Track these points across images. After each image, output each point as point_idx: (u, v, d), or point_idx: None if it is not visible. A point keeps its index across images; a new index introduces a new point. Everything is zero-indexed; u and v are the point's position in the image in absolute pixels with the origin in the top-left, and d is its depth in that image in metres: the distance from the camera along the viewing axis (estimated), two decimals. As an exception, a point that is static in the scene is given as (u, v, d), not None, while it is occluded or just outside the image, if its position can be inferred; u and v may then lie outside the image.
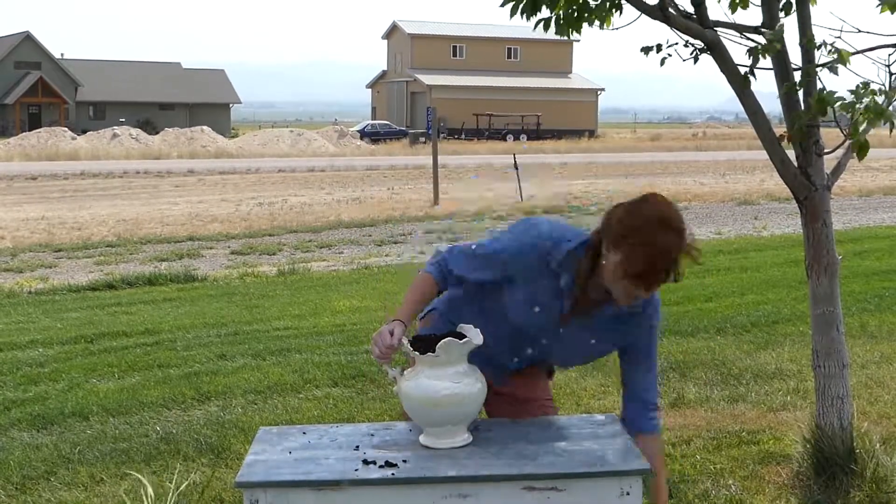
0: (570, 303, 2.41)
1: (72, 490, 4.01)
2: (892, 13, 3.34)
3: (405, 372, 2.38)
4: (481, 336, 2.37)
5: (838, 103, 3.30)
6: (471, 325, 2.40)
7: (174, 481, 3.77)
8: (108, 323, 7.64)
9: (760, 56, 3.50)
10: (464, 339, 2.32)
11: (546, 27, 3.74)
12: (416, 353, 2.33)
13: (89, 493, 3.97)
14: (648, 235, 2.22)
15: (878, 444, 3.90)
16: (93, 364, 6.18)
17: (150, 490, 3.42)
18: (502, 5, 3.68)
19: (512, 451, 2.29)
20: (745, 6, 3.84)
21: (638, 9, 3.56)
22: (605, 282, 2.33)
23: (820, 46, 3.36)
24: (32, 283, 10.04)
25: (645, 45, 3.70)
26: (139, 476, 3.37)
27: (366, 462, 2.22)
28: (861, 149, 3.35)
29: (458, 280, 2.51)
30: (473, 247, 2.50)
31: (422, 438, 2.35)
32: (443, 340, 2.30)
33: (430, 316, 2.66)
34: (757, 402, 5.11)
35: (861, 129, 3.34)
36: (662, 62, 3.72)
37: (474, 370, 2.36)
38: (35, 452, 4.45)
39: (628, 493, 2.18)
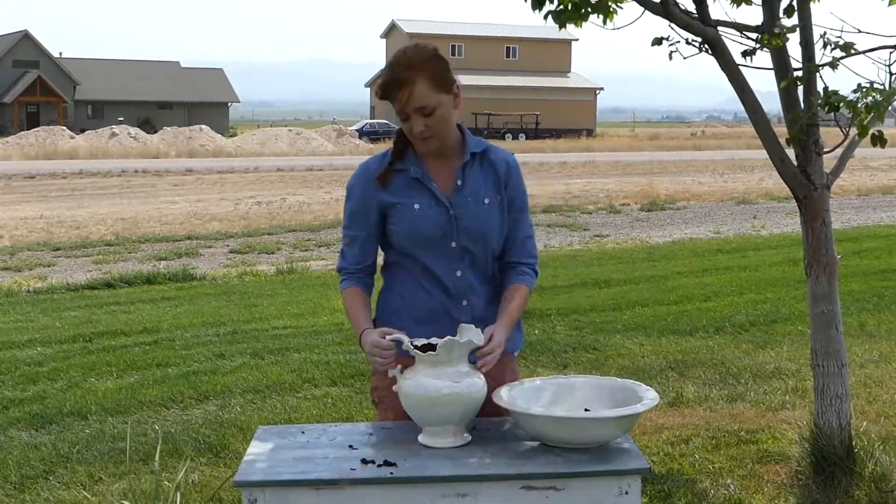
0: (428, 180, 2.55)
1: (70, 489, 4.01)
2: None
3: (405, 371, 2.38)
4: (482, 336, 2.37)
5: (846, 104, 3.30)
6: (471, 326, 2.39)
7: (172, 481, 3.76)
8: (106, 322, 7.63)
9: (766, 44, 3.50)
10: (465, 339, 2.32)
11: (555, 19, 3.72)
12: (418, 351, 2.32)
13: (88, 492, 3.96)
14: (386, 68, 2.51)
15: (876, 444, 3.90)
16: (91, 363, 6.17)
17: (149, 489, 3.41)
18: None
19: (510, 450, 2.29)
20: (748, 2, 3.83)
21: (641, 4, 3.56)
22: (408, 136, 2.55)
23: (826, 44, 3.37)
24: (31, 282, 10.04)
25: (657, 37, 3.71)
26: (142, 469, 3.36)
27: (364, 461, 2.22)
28: (878, 140, 3.37)
29: (366, 265, 2.65)
30: (343, 231, 2.67)
31: (421, 438, 2.35)
32: (444, 339, 2.30)
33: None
34: (756, 401, 5.11)
35: (866, 122, 3.34)
36: (671, 56, 3.72)
37: (475, 371, 2.36)
38: (34, 452, 4.45)
39: (627, 493, 2.18)
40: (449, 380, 2.29)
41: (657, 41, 3.72)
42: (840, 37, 3.40)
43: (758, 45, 3.55)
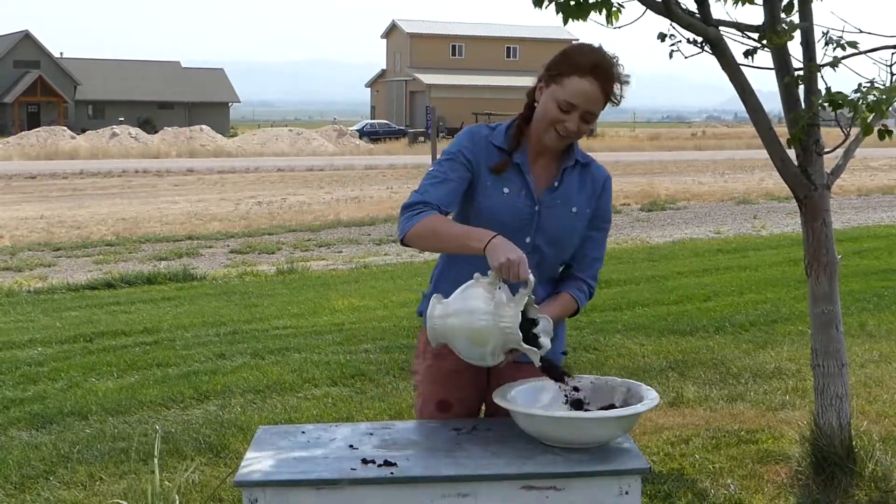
0: (527, 170, 2.52)
1: (71, 489, 4.01)
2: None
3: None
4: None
5: (848, 103, 3.30)
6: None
7: (174, 481, 3.76)
8: (106, 322, 7.63)
9: (768, 42, 3.50)
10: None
11: (558, 10, 3.71)
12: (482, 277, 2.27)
13: (88, 492, 3.97)
14: (590, 56, 2.45)
15: (876, 444, 3.90)
16: (92, 363, 6.17)
17: (149, 489, 3.41)
18: None
19: (511, 450, 2.29)
20: (751, 1, 3.83)
21: (643, 3, 3.56)
22: (537, 132, 2.51)
23: (829, 42, 3.37)
24: (31, 282, 10.04)
25: (662, 32, 3.71)
26: (143, 469, 3.36)
27: (365, 461, 2.22)
28: (887, 132, 3.38)
29: (447, 211, 2.49)
30: (431, 170, 2.54)
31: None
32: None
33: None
34: (756, 401, 5.11)
35: (869, 119, 3.35)
36: (671, 55, 3.72)
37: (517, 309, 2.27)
38: (34, 451, 4.45)
39: (627, 493, 2.18)
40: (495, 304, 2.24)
41: (661, 36, 3.71)
42: (841, 36, 3.40)
43: (760, 44, 3.55)
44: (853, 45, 3.37)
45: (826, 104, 3.40)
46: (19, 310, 8.34)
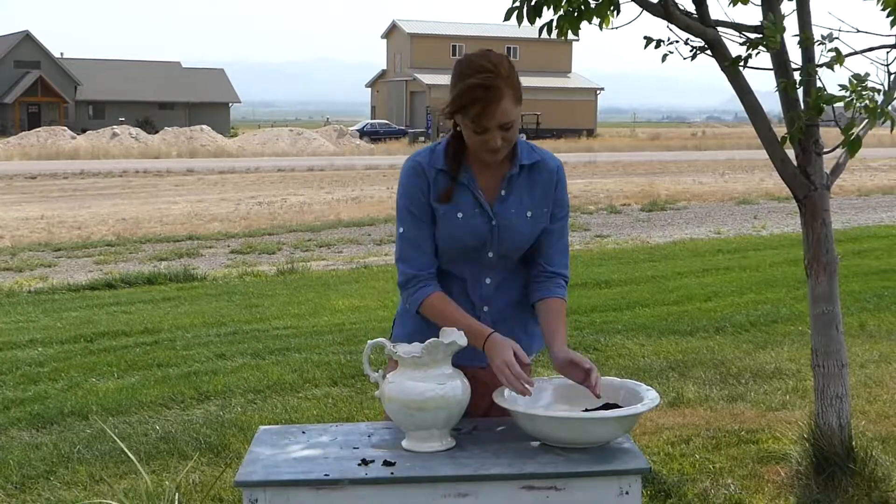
0: (475, 187, 2.48)
1: (71, 489, 4.01)
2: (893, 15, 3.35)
3: (388, 375, 2.35)
4: (465, 338, 2.32)
5: (837, 102, 3.30)
6: (453, 329, 2.35)
7: (174, 481, 3.77)
8: (107, 322, 7.64)
9: (760, 48, 3.50)
10: (449, 340, 2.30)
11: (549, 31, 3.74)
12: (400, 355, 2.30)
13: (88, 492, 3.97)
14: (466, 79, 2.35)
15: (876, 444, 3.91)
16: (92, 363, 6.18)
17: (149, 488, 3.42)
18: (506, 18, 3.72)
19: (510, 450, 2.29)
20: (745, 1, 3.83)
21: (640, 5, 3.57)
22: (473, 152, 2.45)
23: (821, 42, 3.36)
24: (32, 283, 10.04)
25: (648, 36, 3.70)
26: (141, 470, 3.37)
27: (365, 461, 2.22)
28: (853, 145, 3.37)
29: (434, 262, 2.52)
30: (402, 231, 2.53)
31: (405, 443, 2.32)
32: (427, 342, 2.28)
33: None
34: (756, 401, 5.11)
35: (862, 126, 3.34)
36: (664, 58, 3.72)
37: (458, 373, 2.33)
38: (34, 452, 4.45)
39: (627, 493, 2.18)
40: (433, 382, 2.26)
41: (651, 42, 3.70)
42: (838, 36, 3.40)
43: (751, 51, 3.54)
44: (837, 51, 3.35)
45: (821, 105, 3.40)
46: (20, 310, 8.35)
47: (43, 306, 8.52)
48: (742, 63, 3.57)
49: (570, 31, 3.75)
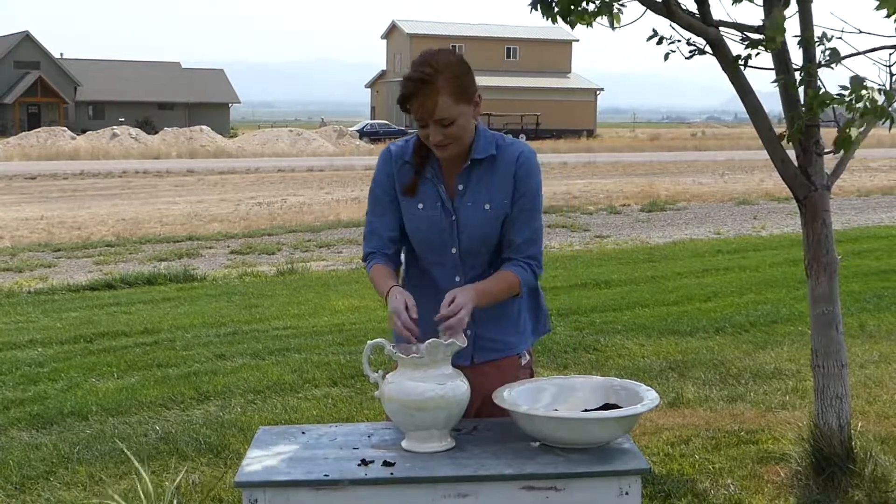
0: (438, 181, 2.52)
1: (71, 490, 4.01)
2: (891, 15, 3.34)
3: (387, 375, 2.36)
4: (465, 338, 2.34)
5: (838, 104, 3.30)
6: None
7: (173, 481, 3.77)
8: (107, 322, 7.64)
9: (761, 49, 3.50)
10: (448, 341, 2.30)
11: (563, 16, 3.71)
12: (401, 354, 2.31)
13: (88, 492, 3.97)
14: (408, 72, 2.43)
15: (876, 444, 3.91)
16: (92, 364, 6.18)
17: (149, 488, 3.41)
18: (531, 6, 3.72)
19: (510, 450, 2.29)
20: (749, -1, 3.83)
21: (643, 4, 3.57)
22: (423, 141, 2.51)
23: (820, 41, 3.36)
24: (32, 283, 10.04)
25: (655, 29, 3.70)
26: (140, 470, 3.36)
27: (365, 461, 2.22)
28: (844, 143, 3.37)
29: (391, 244, 2.61)
30: (367, 212, 2.67)
31: (404, 443, 2.32)
32: (427, 342, 2.28)
33: None
34: (756, 401, 5.11)
35: (862, 129, 3.34)
36: (666, 57, 3.71)
37: (458, 373, 2.33)
38: (34, 452, 4.45)
39: (627, 493, 2.18)
40: (433, 382, 2.27)
41: (655, 37, 3.70)
42: (840, 36, 3.40)
43: (751, 51, 3.54)
44: (834, 50, 3.35)
45: (822, 104, 3.39)
46: (20, 310, 8.34)
47: (43, 307, 8.52)
48: (743, 63, 3.56)
49: (583, 24, 3.74)
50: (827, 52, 3.34)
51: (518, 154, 2.53)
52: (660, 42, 3.70)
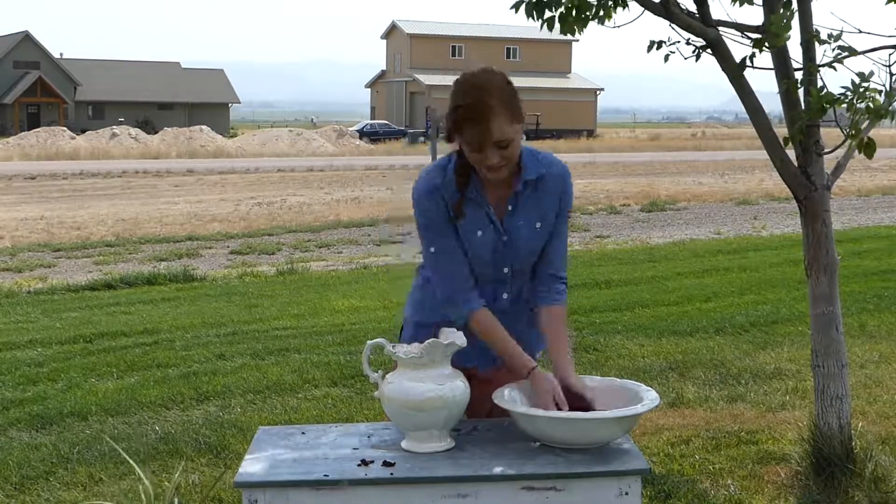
0: (485, 203, 2.49)
1: (70, 490, 4.01)
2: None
3: (387, 375, 2.36)
4: (464, 337, 2.34)
5: (840, 104, 3.29)
6: (453, 329, 2.37)
7: (173, 481, 3.76)
8: (106, 323, 7.63)
9: (764, 47, 3.50)
10: (448, 341, 2.30)
11: (550, 26, 3.74)
12: (400, 355, 2.30)
13: (88, 492, 3.96)
14: (458, 99, 2.39)
15: (876, 444, 3.91)
16: (91, 364, 6.17)
17: (149, 489, 3.41)
18: (516, 10, 3.72)
19: (510, 450, 2.29)
20: (750, 2, 3.83)
21: (641, 4, 3.57)
22: (473, 165, 2.46)
23: (824, 42, 3.36)
24: (31, 283, 10.04)
25: (652, 40, 3.69)
26: (140, 472, 3.36)
27: (364, 462, 2.22)
28: (867, 147, 3.36)
29: (469, 281, 2.56)
30: (431, 250, 2.55)
31: (404, 444, 2.32)
32: (426, 342, 2.28)
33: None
34: (756, 401, 5.11)
35: (862, 127, 3.34)
36: (666, 58, 3.71)
37: (457, 373, 2.33)
38: (34, 452, 4.45)
39: (627, 493, 2.18)
40: (432, 383, 2.27)
41: (654, 45, 3.70)
42: (841, 35, 3.39)
43: (755, 51, 3.53)
44: (847, 49, 3.35)
45: (823, 105, 3.39)
46: (19, 311, 8.34)
47: (42, 307, 8.52)
48: (749, 63, 3.56)
49: (575, 29, 3.74)
50: (834, 50, 3.33)
51: (563, 173, 2.58)
52: (659, 47, 3.70)
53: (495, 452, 2.28)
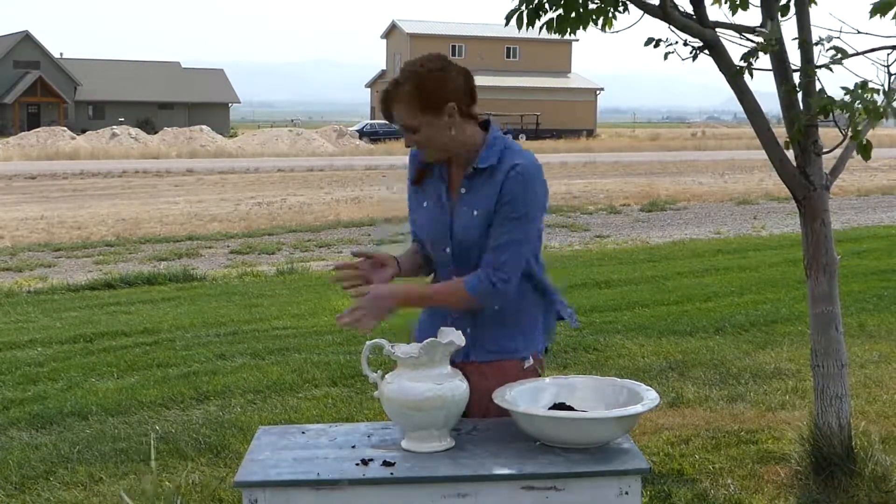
0: (444, 179, 2.59)
1: (71, 490, 4.01)
2: (882, 17, 3.34)
3: (386, 375, 2.36)
4: (464, 338, 2.34)
5: (840, 109, 3.30)
6: (452, 328, 2.37)
7: (174, 482, 3.77)
8: (106, 322, 7.64)
9: (758, 54, 3.50)
10: (447, 340, 2.30)
11: (549, 29, 3.75)
12: (398, 354, 2.31)
13: (88, 492, 3.97)
14: None
15: (876, 444, 3.90)
16: (92, 364, 6.18)
17: (148, 489, 3.42)
18: (507, 22, 3.74)
19: (510, 450, 2.29)
20: (745, 7, 3.84)
21: (639, 7, 3.57)
22: None
23: (818, 43, 3.36)
24: (31, 283, 10.04)
25: (650, 37, 3.70)
26: (143, 469, 3.37)
27: (364, 461, 2.22)
28: (864, 149, 3.36)
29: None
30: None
31: (404, 443, 2.32)
32: (425, 341, 2.28)
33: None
34: (756, 401, 5.11)
35: (860, 128, 3.34)
36: (666, 56, 3.72)
37: (457, 373, 2.34)
38: (34, 452, 4.45)
39: (627, 493, 2.18)
40: (431, 382, 2.27)
41: (652, 42, 3.71)
42: (839, 37, 3.40)
43: (751, 58, 3.54)
44: (842, 51, 3.35)
45: (825, 108, 3.39)
46: (19, 310, 8.34)
47: (42, 306, 8.52)
48: (747, 69, 3.57)
49: (571, 31, 3.75)
50: (829, 52, 3.33)
51: (513, 164, 2.47)
52: (657, 45, 3.70)
53: (495, 452, 2.28)
